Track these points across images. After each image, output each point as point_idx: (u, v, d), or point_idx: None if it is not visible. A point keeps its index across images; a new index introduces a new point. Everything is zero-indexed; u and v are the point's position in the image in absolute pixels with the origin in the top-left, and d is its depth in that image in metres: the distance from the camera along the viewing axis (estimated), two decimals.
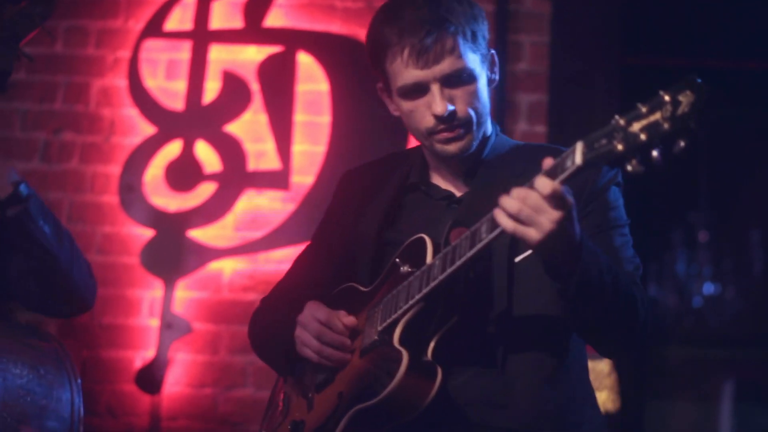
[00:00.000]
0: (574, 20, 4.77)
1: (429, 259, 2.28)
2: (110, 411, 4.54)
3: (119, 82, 4.79)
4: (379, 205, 2.54)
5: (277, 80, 4.76)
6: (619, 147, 1.92)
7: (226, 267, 4.63)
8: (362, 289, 2.47)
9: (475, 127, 2.40)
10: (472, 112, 2.38)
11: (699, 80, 1.86)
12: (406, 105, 2.41)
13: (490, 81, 2.45)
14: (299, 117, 4.73)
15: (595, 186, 2.37)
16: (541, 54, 4.77)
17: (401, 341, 2.27)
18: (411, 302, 2.26)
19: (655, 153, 1.89)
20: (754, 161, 6.12)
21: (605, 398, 4.18)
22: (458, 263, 2.18)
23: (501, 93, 4.68)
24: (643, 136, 1.89)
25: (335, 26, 4.77)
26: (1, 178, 2.70)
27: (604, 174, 2.38)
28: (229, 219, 4.67)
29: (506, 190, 2.08)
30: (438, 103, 2.35)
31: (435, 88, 2.36)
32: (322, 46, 4.77)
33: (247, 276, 4.60)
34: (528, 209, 2.02)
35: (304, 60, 4.77)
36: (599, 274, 2.14)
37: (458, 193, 2.48)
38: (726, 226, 6.39)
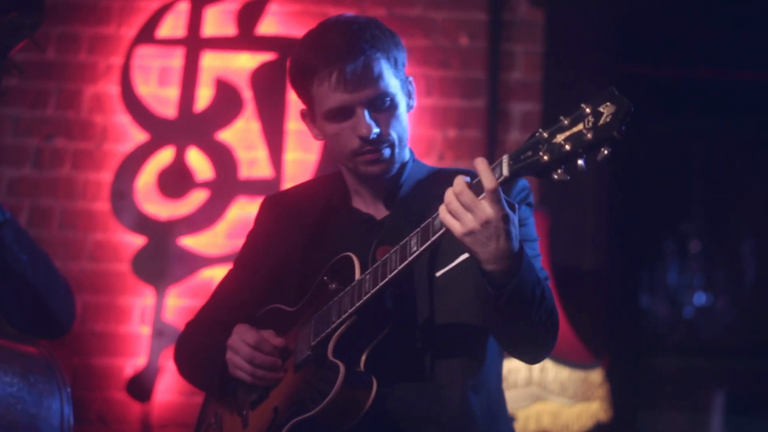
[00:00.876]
0: (567, 29, 4.77)
1: (357, 275, 2.37)
2: (101, 419, 4.52)
3: (111, 88, 4.78)
4: (303, 227, 2.61)
5: (270, 88, 4.75)
6: (545, 158, 2.05)
7: (218, 275, 4.60)
8: (288, 309, 2.54)
9: (397, 149, 2.50)
10: (394, 135, 2.48)
11: (617, 92, 1.98)
12: (332, 128, 2.50)
13: (409, 107, 2.55)
14: (292, 125, 4.72)
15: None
16: (535, 63, 4.77)
17: (335, 354, 2.34)
18: (344, 316, 2.35)
19: (580, 162, 2.02)
20: (747, 171, 6.11)
21: (597, 408, 4.16)
22: (390, 276, 2.28)
23: (493, 102, 4.69)
24: (567, 147, 2.02)
25: None
26: None
27: (515, 195, 2.48)
28: (221, 227, 4.66)
29: (425, 213, 2.25)
30: (364, 125, 2.44)
31: (360, 111, 2.45)
32: None
33: None
34: (456, 203, 2.13)
35: None
36: (532, 289, 2.24)
37: (378, 216, 2.56)
38: (718, 236, 6.38)
